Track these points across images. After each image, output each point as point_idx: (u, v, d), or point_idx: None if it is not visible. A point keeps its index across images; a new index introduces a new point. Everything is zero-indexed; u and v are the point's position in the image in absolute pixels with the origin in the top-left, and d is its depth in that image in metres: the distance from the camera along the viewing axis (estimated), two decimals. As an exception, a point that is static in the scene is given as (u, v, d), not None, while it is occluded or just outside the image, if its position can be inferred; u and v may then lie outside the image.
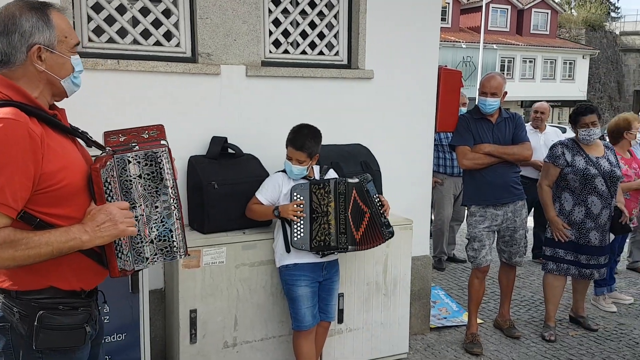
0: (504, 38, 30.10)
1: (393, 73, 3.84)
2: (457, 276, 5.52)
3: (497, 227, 3.87)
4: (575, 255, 3.95)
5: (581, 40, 34.41)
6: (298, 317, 2.98)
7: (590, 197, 3.84)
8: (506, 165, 3.81)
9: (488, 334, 4.14)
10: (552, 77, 31.99)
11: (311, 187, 2.91)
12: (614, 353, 3.87)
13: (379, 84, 3.80)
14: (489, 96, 3.78)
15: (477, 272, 3.91)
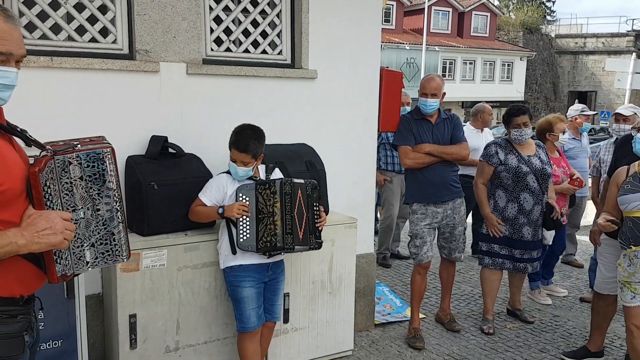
0: (446, 40, 30.93)
1: (336, 73, 3.87)
2: (401, 272, 5.62)
3: (438, 224, 3.97)
4: (509, 250, 4.10)
5: (519, 42, 35.81)
6: (243, 319, 2.96)
7: (523, 194, 4.00)
8: (445, 164, 3.91)
9: (430, 328, 4.25)
10: (491, 79, 33.15)
11: (257, 187, 2.88)
12: (549, 344, 4.04)
13: (323, 84, 3.82)
14: (429, 97, 3.87)
15: (418, 268, 4.00)
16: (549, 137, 4.70)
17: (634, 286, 3.08)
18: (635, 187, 3.03)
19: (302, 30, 3.71)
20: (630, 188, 3.05)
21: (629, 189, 3.05)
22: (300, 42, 3.73)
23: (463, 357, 3.80)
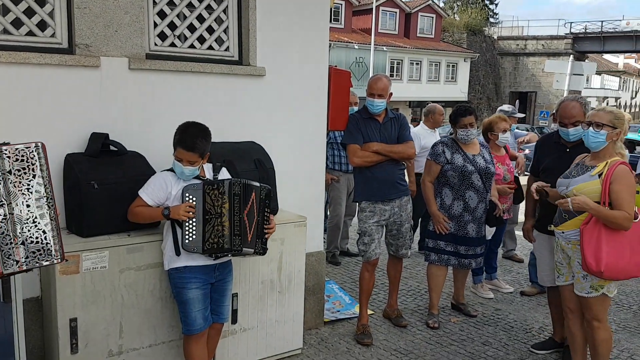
0: (393, 40, 31.44)
1: (285, 71, 3.85)
2: (350, 270, 5.67)
3: (385, 222, 4.02)
4: (454, 246, 4.20)
5: (463, 44, 36.83)
6: (188, 321, 2.89)
7: (468, 192, 4.11)
8: (392, 163, 3.97)
9: (378, 324, 4.30)
10: (437, 79, 33.98)
11: (205, 187, 2.81)
12: (491, 337, 4.17)
13: (271, 82, 3.79)
14: (376, 97, 3.92)
15: (367, 265, 4.05)
16: (491, 136, 4.86)
17: (558, 266, 3.28)
18: (570, 172, 3.20)
19: (249, 27, 3.67)
20: (566, 173, 3.22)
21: (565, 174, 3.23)
22: (248, 39, 3.69)
23: (409, 352, 3.87)
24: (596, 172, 3.05)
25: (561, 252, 3.24)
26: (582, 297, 3.15)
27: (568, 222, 3.13)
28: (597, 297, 3.11)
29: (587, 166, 3.15)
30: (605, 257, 2.94)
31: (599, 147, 3.10)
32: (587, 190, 3.02)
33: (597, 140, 3.08)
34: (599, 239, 2.96)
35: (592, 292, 3.11)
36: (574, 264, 3.15)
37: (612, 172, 2.99)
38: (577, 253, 3.10)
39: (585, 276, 3.10)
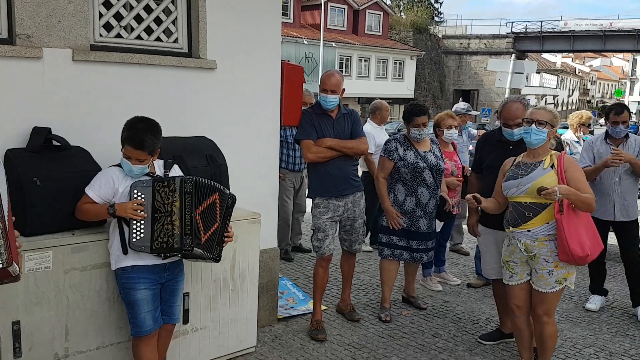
0: (342, 37, 31.61)
1: (237, 65, 3.78)
2: (303, 265, 5.67)
3: (339, 218, 4.03)
4: (407, 241, 4.27)
5: (409, 42, 37.47)
6: (137, 322, 2.80)
7: (420, 188, 4.18)
8: (346, 159, 3.98)
9: (331, 319, 4.32)
10: (385, 76, 34.44)
11: (154, 184, 2.72)
12: (441, 329, 4.27)
13: (223, 75, 3.72)
14: (329, 93, 3.91)
15: (321, 261, 4.05)
16: (438, 133, 4.97)
17: (511, 265, 3.33)
18: (515, 174, 3.27)
19: (199, 19, 3.58)
20: (511, 175, 3.29)
21: (510, 176, 3.30)
22: (198, 31, 3.60)
23: (363, 346, 3.90)
24: (548, 165, 3.17)
25: (519, 252, 3.26)
26: (544, 292, 3.21)
27: (534, 219, 3.16)
28: (557, 291, 3.21)
29: (532, 163, 3.25)
30: (587, 240, 3.06)
31: (540, 144, 3.22)
32: (547, 182, 3.11)
33: (539, 137, 3.20)
34: (577, 225, 3.06)
35: (557, 286, 3.18)
36: (539, 262, 3.18)
37: (562, 162, 3.13)
38: (544, 249, 3.15)
39: (550, 271, 3.16)
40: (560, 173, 3.12)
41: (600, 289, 4.85)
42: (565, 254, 3.06)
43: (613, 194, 4.54)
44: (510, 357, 3.81)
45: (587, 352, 3.92)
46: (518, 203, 3.21)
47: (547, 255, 3.15)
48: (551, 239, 3.13)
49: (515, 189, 3.21)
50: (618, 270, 5.47)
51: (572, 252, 3.03)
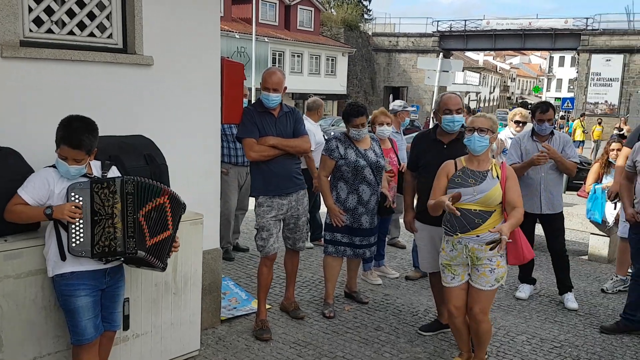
0: (274, 32, 31.45)
1: (176, 61, 3.68)
2: (244, 264, 5.62)
3: (283, 216, 4.03)
4: (350, 238, 4.33)
5: (340, 38, 37.84)
6: (78, 330, 2.68)
7: (361, 185, 4.24)
8: (289, 157, 3.98)
9: (276, 318, 4.31)
10: (317, 72, 34.63)
11: (93, 186, 2.60)
12: (382, 322, 4.36)
13: (161, 72, 3.61)
14: (271, 92, 3.89)
15: (265, 261, 4.03)
16: (372, 129, 5.08)
17: (453, 267, 3.42)
18: (465, 181, 3.35)
19: (134, 13, 3.45)
20: (461, 182, 3.36)
21: (460, 182, 3.36)
22: (133, 26, 3.47)
23: (308, 343, 3.92)
24: (495, 175, 3.34)
25: (464, 257, 3.35)
26: (483, 290, 3.35)
27: (482, 225, 3.28)
28: (494, 290, 3.38)
29: (480, 172, 3.36)
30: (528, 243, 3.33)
31: (483, 151, 3.36)
32: (497, 193, 3.28)
33: (482, 144, 3.34)
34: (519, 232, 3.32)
35: (495, 284, 3.35)
36: (482, 262, 3.30)
37: (505, 172, 3.29)
38: (489, 252, 3.25)
39: (492, 270, 3.31)
40: (502, 183, 3.29)
41: (529, 278, 5.13)
42: (518, 258, 3.28)
43: (540, 189, 4.79)
44: (449, 346, 3.96)
45: (519, 339, 4.14)
46: (467, 210, 3.29)
47: (490, 255, 3.29)
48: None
49: (470, 197, 3.29)
50: (544, 260, 5.79)
51: (524, 256, 3.26)
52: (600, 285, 5.41)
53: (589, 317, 4.63)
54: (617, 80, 34.14)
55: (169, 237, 2.81)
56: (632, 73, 33.69)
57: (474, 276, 3.36)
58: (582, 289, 5.33)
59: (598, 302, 5.00)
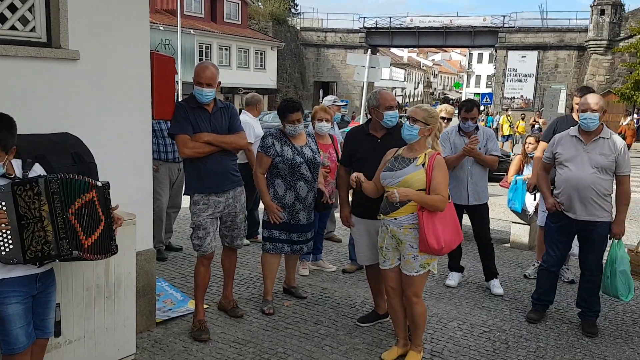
0: (200, 24, 30.77)
1: (103, 55, 3.52)
2: (178, 264, 5.49)
3: (220, 214, 3.97)
4: (288, 234, 4.34)
5: (269, 32, 37.61)
6: (9, 340, 2.53)
7: (299, 182, 4.27)
8: (225, 154, 3.92)
9: (214, 318, 4.25)
10: (247, 66, 34.27)
11: (15, 189, 2.45)
12: (322, 316, 4.41)
13: (88, 67, 3.44)
14: (205, 87, 3.82)
15: (203, 260, 3.96)
16: (312, 125, 5.12)
17: (384, 252, 3.57)
18: (393, 166, 3.50)
19: (59, 6, 3.27)
20: (390, 167, 3.52)
21: (388, 167, 3.53)
22: (58, 19, 3.29)
23: (248, 341, 3.90)
24: (420, 163, 3.42)
25: (389, 238, 3.51)
26: (410, 275, 3.48)
27: (401, 209, 3.42)
28: (422, 275, 3.49)
29: (409, 158, 3.49)
30: (442, 235, 3.34)
31: (412, 140, 3.48)
32: (416, 179, 3.37)
33: (410, 133, 3.47)
34: (434, 221, 3.34)
35: (421, 270, 3.47)
36: (405, 247, 3.45)
37: (432, 161, 3.39)
38: (408, 236, 3.42)
39: (415, 257, 3.44)
40: (429, 172, 3.39)
41: (458, 266, 5.36)
42: (424, 246, 3.37)
43: (466, 181, 5.02)
44: (386, 336, 4.07)
45: (451, 326, 4.32)
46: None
47: (412, 241, 3.43)
48: (415, 227, 3.41)
49: (390, 180, 3.45)
50: (470, 248, 6.06)
51: (429, 245, 3.33)
52: (523, 272, 5.74)
53: (514, 301, 4.90)
54: (532, 76, 36.15)
55: (105, 226, 2.69)
56: (546, 69, 35.80)
57: (402, 262, 3.51)
58: (506, 275, 5.63)
59: (521, 287, 5.30)
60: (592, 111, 4.08)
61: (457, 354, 3.85)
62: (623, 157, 4.09)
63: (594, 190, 4.09)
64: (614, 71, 31.26)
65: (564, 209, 4.22)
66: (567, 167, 4.19)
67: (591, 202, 4.11)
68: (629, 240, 7.38)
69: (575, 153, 4.17)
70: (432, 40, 42.15)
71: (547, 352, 3.91)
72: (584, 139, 4.17)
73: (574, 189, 4.12)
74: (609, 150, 4.09)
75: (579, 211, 4.15)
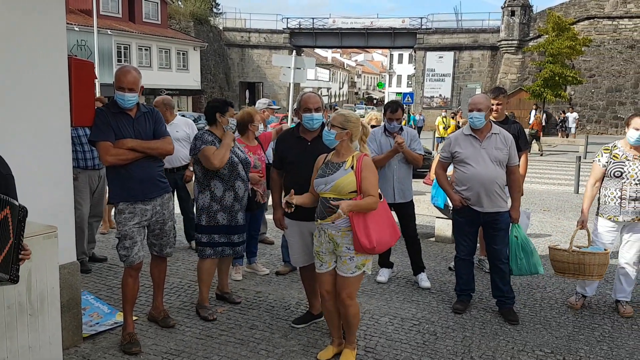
0: (118, 24, 29.68)
1: (17, 59, 3.33)
2: (103, 276, 5.27)
3: (147, 222, 3.86)
4: (228, 237, 4.30)
5: (190, 32, 36.86)
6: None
7: (237, 182, 4.25)
8: (150, 160, 3.82)
9: (144, 329, 4.12)
10: (168, 67, 33.40)
11: None
12: (256, 320, 4.39)
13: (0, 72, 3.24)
14: (127, 91, 3.70)
15: (130, 271, 3.84)
16: (251, 127, 5.09)
17: (321, 255, 3.61)
18: (323, 172, 3.56)
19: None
20: (321, 173, 3.57)
21: (320, 174, 3.57)
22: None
23: (181, 351, 3.82)
24: (348, 166, 3.50)
25: (327, 242, 3.55)
26: (346, 277, 3.54)
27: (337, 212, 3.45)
28: (357, 276, 3.56)
29: (338, 163, 3.56)
30: (374, 234, 3.42)
31: (331, 144, 3.59)
32: (346, 182, 3.44)
33: (328, 138, 3.57)
34: (365, 221, 3.41)
35: (357, 271, 3.53)
36: (342, 249, 3.50)
37: (360, 163, 3.47)
38: (345, 239, 3.48)
39: (351, 258, 3.50)
40: (357, 174, 3.48)
41: (387, 262, 5.51)
42: (357, 245, 3.45)
43: (392, 180, 5.18)
44: (321, 335, 4.11)
45: (383, 321, 4.44)
46: (325, 198, 3.51)
47: (348, 243, 3.49)
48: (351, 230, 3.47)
49: (324, 186, 3.50)
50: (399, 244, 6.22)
51: (361, 244, 3.42)
52: (447, 264, 5.99)
53: (440, 294, 5.11)
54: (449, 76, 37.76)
55: (12, 245, 2.51)
56: (462, 68, 37.48)
57: (339, 264, 3.56)
58: (432, 268, 5.86)
59: (447, 279, 5.53)
60: (478, 110, 4.39)
61: (389, 348, 3.97)
62: (513, 149, 4.48)
63: (497, 184, 4.41)
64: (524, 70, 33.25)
65: (471, 203, 4.47)
66: (469, 165, 4.44)
67: (495, 194, 4.42)
68: (543, 230, 7.91)
69: (473, 150, 4.45)
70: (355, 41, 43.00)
71: (473, 341, 4.11)
72: (478, 136, 4.46)
73: (480, 184, 4.39)
74: (502, 144, 4.43)
75: (486, 204, 4.43)
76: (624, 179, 4.48)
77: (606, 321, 4.51)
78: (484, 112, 4.39)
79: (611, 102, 31.23)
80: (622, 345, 4.08)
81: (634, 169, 4.45)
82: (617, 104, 31.04)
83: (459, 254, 4.71)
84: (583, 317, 4.59)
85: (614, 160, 4.55)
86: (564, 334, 4.26)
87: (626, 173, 4.47)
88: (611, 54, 31.31)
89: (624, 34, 31.22)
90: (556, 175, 15.31)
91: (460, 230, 4.69)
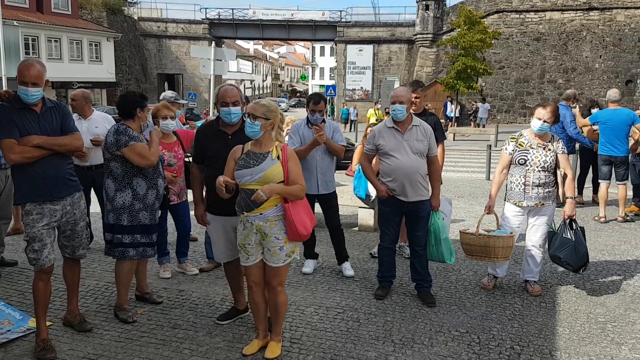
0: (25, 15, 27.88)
1: None
2: (14, 281, 4.97)
3: (57, 223, 3.67)
4: (149, 236, 4.18)
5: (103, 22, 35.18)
6: None
7: (158, 179, 4.19)
8: (59, 157, 3.64)
9: (59, 334, 3.93)
10: (80, 58, 31.76)
11: None
12: (179, 319, 4.30)
13: None
14: (30, 86, 3.50)
15: (41, 275, 3.64)
16: (156, 124, 4.95)
17: (247, 249, 3.59)
18: (246, 163, 3.52)
19: None
20: (243, 164, 3.53)
21: (242, 164, 3.53)
22: None
23: (100, 355, 3.67)
24: (275, 156, 3.50)
25: (253, 234, 3.53)
26: (277, 266, 3.56)
27: (265, 203, 3.45)
28: (287, 264, 3.60)
29: (262, 153, 3.54)
30: (308, 221, 3.50)
31: (255, 136, 3.55)
32: (275, 172, 3.46)
33: (252, 130, 3.53)
34: (298, 209, 3.48)
35: (287, 259, 3.57)
36: (270, 240, 3.51)
37: (285, 153, 3.49)
38: (274, 228, 3.49)
39: (281, 247, 3.52)
40: (284, 164, 3.50)
41: (312, 253, 5.57)
42: (293, 234, 3.49)
43: (316, 172, 5.24)
44: (246, 330, 4.10)
45: (309, 311, 4.49)
46: (250, 190, 3.45)
47: (277, 233, 3.51)
48: (280, 219, 3.51)
49: (249, 177, 3.46)
50: (324, 235, 6.33)
51: (299, 233, 3.48)
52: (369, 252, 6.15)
53: (363, 281, 5.23)
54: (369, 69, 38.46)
55: None
56: (381, 61, 38.30)
57: (267, 255, 3.57)
58: (355, 257, 5.98)
59: (369, 267, 5.68)
60: (400, 103, 4.54)
61: (314, 337, 4.02)
62: (433, 140, 4.68)
63: (419, 174, 4.58)
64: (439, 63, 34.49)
65: (396, 193, 4.61)
66: (393, 157, 4.58)
67: (418, 184, 4.59)
68: (457, 215, 8.28)
69: (395, 142, 4.60)
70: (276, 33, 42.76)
71: (394, 325, 4.25)
72: (400, 128, 4.61)
73: (405, 175, 4.54)
74: (422, 135, 4.60)
75: (410, 194, 4.59)
76: (527, 166, 4.78)
77: (516, 300, 4.81)
78: (406, 105, 4.52)
79: (519, 92, 33.09)
80: (531, 322, 4.36)
81: (537, 157, 4.75)
82: (525, 94, 32.92)
83: (383, 242, 4.84)
84: (495, 297, 4.87)
85: (519, 149, 4.83)
86: (478, 314, 4.50)
87: (530, 161, 4.77)
88: (519, 46, 33.11)
89: (530, 27, 33.10)
90: (469, 163, 16.06)
91: (385, 220, 4.82)
